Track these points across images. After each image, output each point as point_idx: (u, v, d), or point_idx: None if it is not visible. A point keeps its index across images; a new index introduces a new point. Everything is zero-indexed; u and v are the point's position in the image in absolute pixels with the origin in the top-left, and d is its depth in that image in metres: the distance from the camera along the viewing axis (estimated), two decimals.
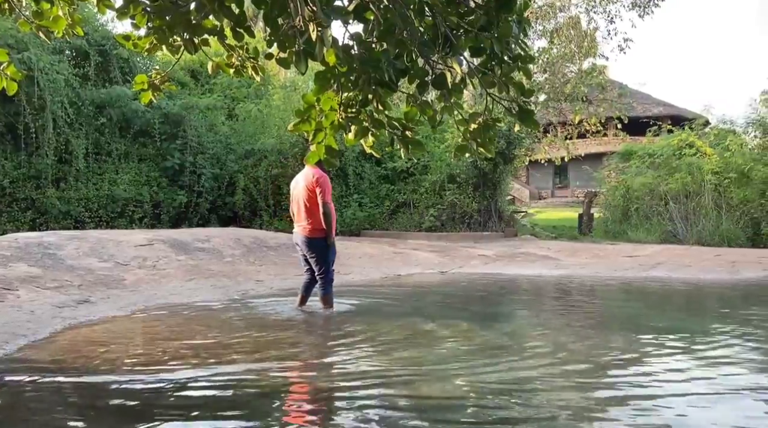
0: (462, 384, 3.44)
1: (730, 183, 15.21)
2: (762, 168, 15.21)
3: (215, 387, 3.32)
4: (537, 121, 2.85)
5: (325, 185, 5.35)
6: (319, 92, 2.88)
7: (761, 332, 4.99)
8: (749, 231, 14.43)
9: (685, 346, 4.42)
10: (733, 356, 4.13)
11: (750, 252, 11.63)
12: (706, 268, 9.10)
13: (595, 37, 17.47)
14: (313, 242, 5.45)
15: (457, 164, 14.75)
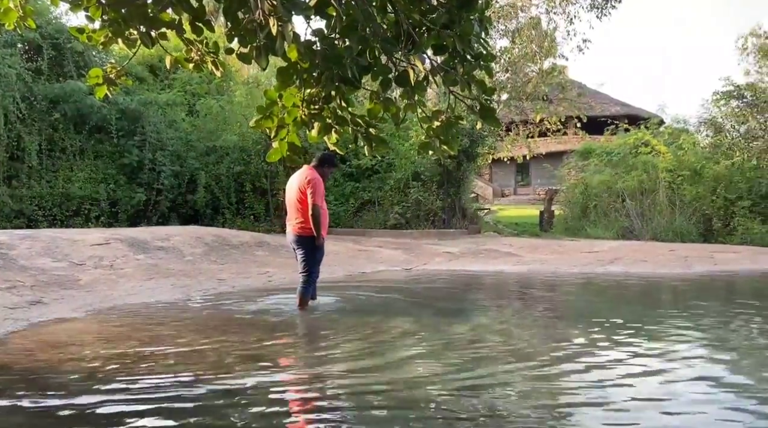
0: (425, 383, 3.46)
1: (683, 180, 15.73)
2: (713, 166, 15.78)
3: (173, 388, 3.25)
4: (499, 119, 2.89)
5: (317, 187, 5.41)
6: (281, 88, 2.85)
7: (712, 325, 5.18)
8: (701, 227, 14.95)
9: (640, 341, 4.54)
10: (685, 350, 4.27)
11: (702, 247, 12.06)
12: (661, 263, 9.39)
13: (555, 38, 17.79)
14: (302, 240, 5.53)
15: (422, 162, 14.83)
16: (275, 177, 14.69)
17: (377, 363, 3.86)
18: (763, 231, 13.98)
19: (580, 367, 3.73)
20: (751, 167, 15.42)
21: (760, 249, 11.75)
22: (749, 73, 20.15)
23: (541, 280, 8.06)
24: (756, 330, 4.94)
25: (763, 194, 15.05)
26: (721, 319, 5.39)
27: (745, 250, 11.44)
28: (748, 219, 14.47)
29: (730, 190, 15.18)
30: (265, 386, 3.31)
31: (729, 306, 6.23)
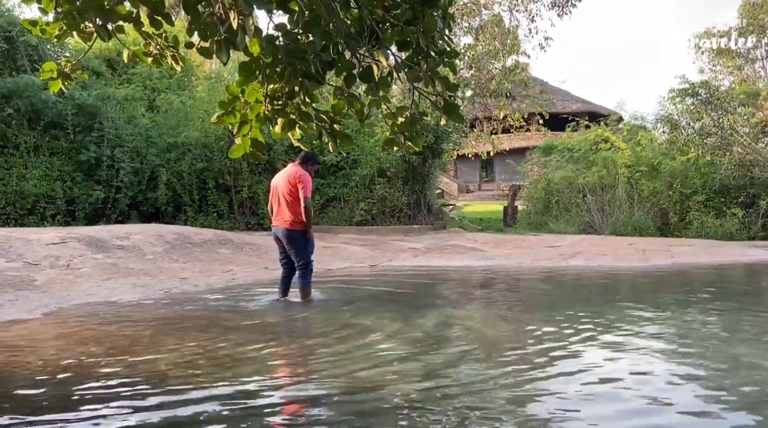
0: (393, 382, 3.47)
1: (641, 176, 16.17)
2: (669, 162, 16.26)
3: (130, 391, 3.18)
4: (462, 115, 2.91)
5: (307, 182, 5.70)
6: (243, 83, 2.80)
7: (669, 317, 5.34)
8: (658, 222, 15.40)
9: (600, 334, 4.65)
10: (642, 342, 4.39)
11: (659, 241, 12.43)
12: (620, 257, 9.64)
13: (517, 35, 18.04)
14: (293, 234, 5.75)
15: (387, 158, 14.84)
16: (239, 173, 14.48)
17: (343, 358, 3.85)
18: (717, 224, 14.49)
19: (545, 361, 3.80)
20: (705, 163, 15.94)
21: (714, 243, 12.18)
22: (704, 71, 20.89)
23: (506, 275, 8.17)
24: (710, 321, 5.12)
25: (717, 189, 15.60)
26: (678, 311, 5.56)
27: (700, 243, 11.84)
28: (702, 214, 14.96)
29: (685, 185, 15.68)
30: (230, 392, 3.26)
31: (685, 298, 6.43)
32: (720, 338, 4.44)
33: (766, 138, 16.68)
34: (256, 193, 14.49)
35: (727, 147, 15.92)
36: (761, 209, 14.90)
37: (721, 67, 20.68)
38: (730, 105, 16.64)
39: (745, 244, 12.21)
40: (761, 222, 14.82)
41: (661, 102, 17.88)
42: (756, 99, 17.04)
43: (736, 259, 9.80)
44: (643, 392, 3.10)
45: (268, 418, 2.83)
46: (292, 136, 2.98)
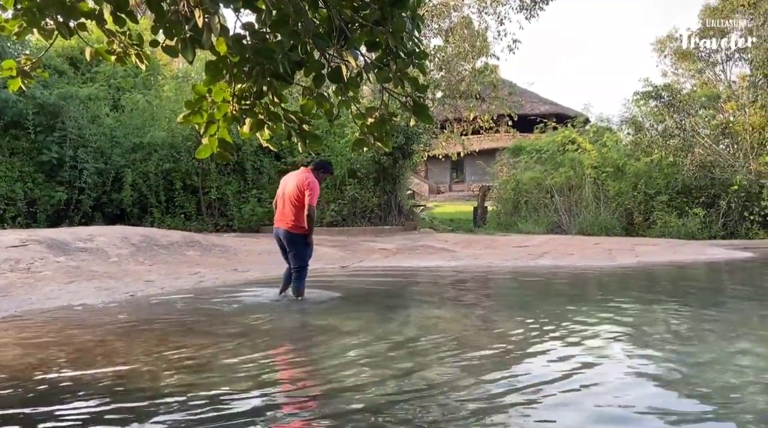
0: (362, 386, 3.45)
1: (607, 176, 16.50)
2: (634, 162, 16.64)
3: (95, 396, 3.10)
4: (431, 116, 2.92)
5: (315, 190, 5.82)
6: (210, 83, 2.76)
7: (634, 315, 5.46)
8: (623, 221, 15.74)
9: (568, 334, 4.72)
10: (608, 340, 4.47)
11: (624, 240, 12.70)
12: (587, 256, 9.82)
13: (486, 37, 18.22)
14: (294, 238, 5.88)
15: (358, 159, 14.83)
16: (207, 174, 14.29)
17: (312, 359, 3.82)
18: (679, 224, 14.87)
19: (514, 362, 3.84)
20: (668, 164, 16.35)
21: (677, 242, 12.50)
22: (666, 74, 21.43)
23: (476, 275, 8.24)
24: (674, 320, 5.25)
25: (680, 189, 16.02)
26: (642, 309, 5.68)
27: (664, 243, 12.13)
28: (666, 213, 15.35)
29: (649, 185, 16.06)
30: (195, 398, 3.21)
31: (649, 296, 6.58)
32: (684, 337, 4.55)
33: (726, 139, 17.21)
34: (224, 194, 14.31)
35: (688, 148, 16.37)
36: (721, 209, 15.36)
37: (683, 70, 21.25)
38: (692, 107, 17.11)
39: (706, 243, 12.57)
40: (721, 221, 15.28)
41: (626, 104, 18.32)
42: (716, 101, 17.56)
43: (697, 258, 10.08)
44: (609, 392, 3.16)
45: (233, 423, 2.78)
46: (260, 136, 2.95)
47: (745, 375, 3.44)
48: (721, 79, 20.20)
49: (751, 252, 11.00)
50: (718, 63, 20.36)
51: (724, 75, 20.38)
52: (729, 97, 17.60)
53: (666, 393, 3.15)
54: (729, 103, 17.08)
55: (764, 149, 16.02)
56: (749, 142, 16.01)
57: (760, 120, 16.00)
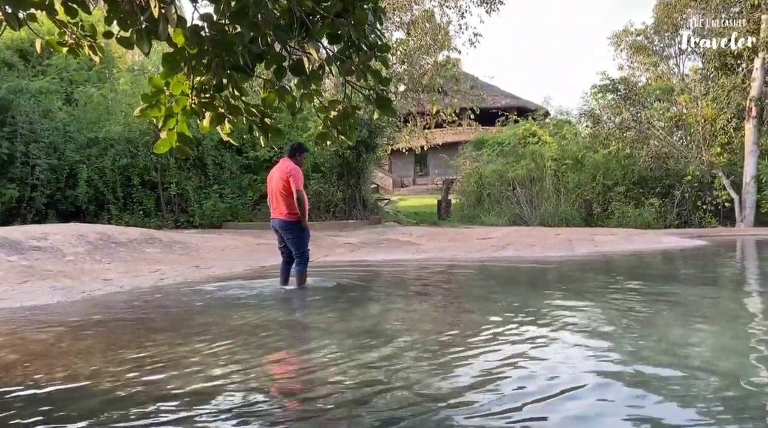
0: (328, 382, 3.44)
1: (566, 169, 16.86)
2: (593, 155, 17.04)
3: (49, 399, 3.00)
4: (395, 109, 2.92)
5: (298, 175, 6.11)
6: (167, 75, 2.69)
7: (593, 303, 5.59)
8: (583, 212, 16.12)
9: (533, 324, 4.80)
10: (570, 329, 4.57)
11: (584, 230, 12.99)
12: (548, 246, 10.01)
13: (448, 31, 18.32)
14: (289, 225, 6.20)
15: (321, 153, 14.75)
16: (166, 170, 13.98)
17: (275, 355, 3.78)
18: (636, 214, 15.32)
19: (481, 354, 3.88)
20: (625, 155, 16.80)
21: (634, 231, 12.86)
22: (623, 67, 21.93)
23: (441, 268, 8.30)
24: (630, 306, 5.39)
25: (636, 180, 16.48)
26: (602, 298, 5.82)
27: (621, 232, 12.46)
28: (623, 204, 15.79)
29: (607, 177, 16.48)
30: (156, 397, 3.13)
31: (609, 284, 6.75)
32: (644, 322, 4.68)
33: (679, 131, 17.78)
34: (185, 190, 14.03)
35: (644, 140, 16.85)
36: (676, 199, 15.88)
37: (638, 64, 21.78)
38: (647, 100, 17.61)
39: (661, 232, 12.97)
40: (676, 211, 15.80)
41: (584, 97, 18.71)
42: (670, 94, 18.11)
43: (653, 246, 10.39)
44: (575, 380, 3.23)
45: (197, 424, 2.73)
46: (221, 130, 2.89)
47: (694, 359, 3.56)
48: (675, 73, 20.81)
49: (704, 241, 11.41)
50: (671, 56, 20.96)
51: (678, 68, 21.01)
52: (682, 89, 18.18)
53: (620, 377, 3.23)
54: (682, 95, 17.65)
55: (716, 140, 16.62)
56: (701, 133, 16.58)
57: (711, 112, 16.57)
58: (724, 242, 11.99)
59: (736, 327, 4.52)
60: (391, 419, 2.68)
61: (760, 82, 15.63)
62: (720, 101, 16.58)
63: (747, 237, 13.21)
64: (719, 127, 16.54)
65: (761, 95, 15.60)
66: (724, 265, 9.03)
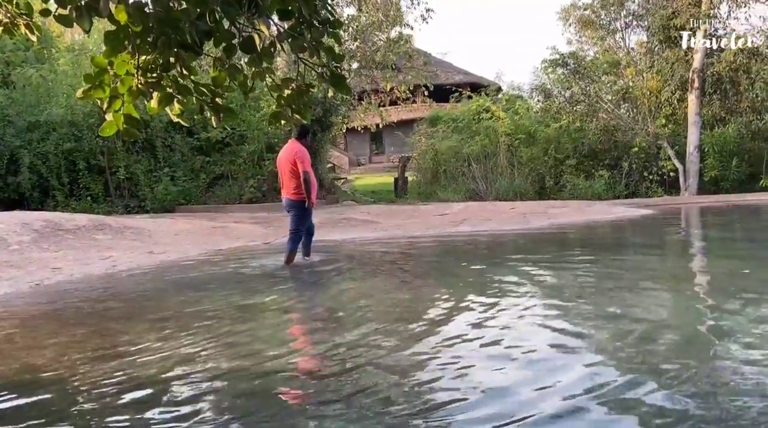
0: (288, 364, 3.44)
1: (520, 143, 17.13)
2: (544, 129, 17.35)
3: None
4: (349, 86, 2.88)
5: (305, 157, 6.39)
6: (111, 54, 2.57)
7: (549, 274, 5.75)
8: (536, 186, 16.46)
9: (493, 297, 4.90)
10: (530, 304, 4.69)
11: (537, 204, 13.28)
12: (504, 220, 10.20)
13: (400, 6, 18.16)
14: (295, 203, 6.54)
15: (275, 133, 14.51)
16: (113, 153, 13.51)
17: (234, 340, 3.75)
18: (587, 186, 15.75)
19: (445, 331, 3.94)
20: (575, 129, 17.17)
21: (585, 203, 13.24)
22: (571, 42, 22.27)
23: (400, 245, 8.35)
24: (583, 273, 5.57)
25: (586, 153, 16.90)
26: (556, 267, 6.00)
27: (574, 204, 12.80)
28: (574, 176, 16.19)
29: (559, 150, 16.83)
30: (112, 386, 3.07)
31: (562, 254, 6.95)
32: (592, 290, 4.85)
33: (626, 104, 18.26)
34: (134, 174, 13.61)
35: (593, 113, 17.25)
36: (624, 170, 16.38)
37: (586, 38, 22.15)
38: (595, 74, 17.97)
39: (611, 203, 13.39)
40: (624, 182, 16.31)
41: (535, 72, 18.94)
42: (617, 68, 18.53)
43: (604, 217, 10.73)
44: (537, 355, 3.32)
45: (152, 411, 2.69)
46: (170, 111, 2.80)
47: (640, 319, 3.72)
48: (621, 46, 21.28)
49: (651, 210, 11.85)
50: (618, 30, 21.39)
51: (624, 42, 21.48)
52: (628, 63, 18.62)
53: (574, 345, 3.35)
54: (628, 69, 18.09)
55: (661, 112, 17.15)
56: (647, 105, 17.08)
57: (656, 84, 17.07)
58: (670, 210, 12.49)
59: (680, 288, 4.74)
60: (352, 398, 2.70)
61: (702, 54, 16.16)
62: (664, 74, 17.09)
63: (691, 205, 13.78)
64: (664, 99, 17.07)
65: (703, 67, 16.15)
66: (671, 233, 9.42)
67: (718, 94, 16.60)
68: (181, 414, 2.59)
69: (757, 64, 15.59)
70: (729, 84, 16.15)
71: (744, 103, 16.16)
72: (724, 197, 14.50)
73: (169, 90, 2.74)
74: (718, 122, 16.98)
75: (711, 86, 16.42)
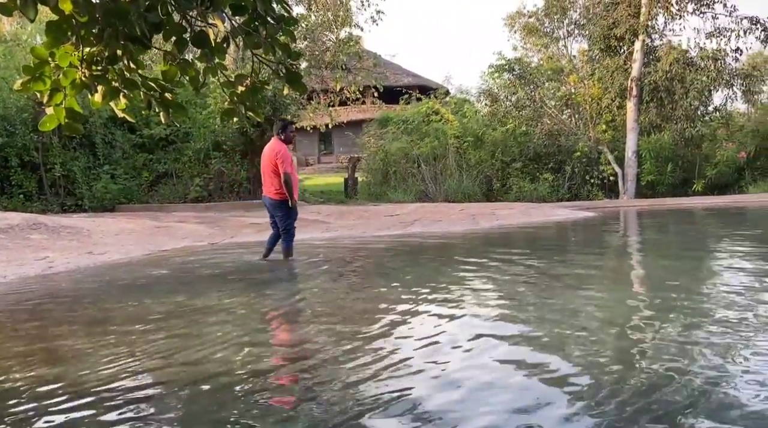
0: (234, 368, 3.36)
1: (468, 146, 17.41)
2: (492, 132, 17.70)
3: None
4: (305, 84, 2.84)
5: (286, 158, 6.43)
6: (52, 45, 2.45)
7: (497, 274, 5.85)
8: (484, 188, 16.77)
9: (442, 300, 4.94)
10: (481, 302, 4.76)
11: (485, 205, 13.53)
12: (454, 222, 10.34)
13: (349, 7, 18.14)
14: (278, 204, 6.62)
15: (223, 131, 14.21)
16: (49, 149, 12.89)
17: (178, 343, 3.64)
18: (532, 188, 16.16)
19: (394, 333, 3.94)
20: (521, 133, 17.60)
21: (531, 205, 13.58)
22: (517, 48, 22.85)
23: (351, 246, 8.32)
24: (529, 274, 5.71)
25: (531, 157, 17.35)
26: (505, 267, 6.11)
27: (520, 206, 13.11)
28: (520, 179, 16.58)
29: (505, 153, 17.21)
30: (51, 391, 2.92)
31: (510, 255, 7.09)
32: (537, 289, 4.97)
33: (569, 110, 18.86)
34: (71, 171, 13.02)
35: (538, 118, 17.73)
36: (567, 174, 16.91)
37: (531, 45, 22.76)
38: (540, 80, 18.47)
39: (555, 205, 13.79)
40: (567, 185, 16.84)
41: (483, 76, 19.31)
42: (560, 74, 19.12)
43: (549, 219, 11.04)
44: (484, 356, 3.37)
45: (88, 418, 2.57)
46: (115, 105, 2.68)
47: (581, 317, 3.84)
48: (564, 54, 21.98)
49: (592, 213, 12.27)
50: (561, 38, 22.09)
51: (567, 50, 22.19)
52: (571, 70, 19.25)
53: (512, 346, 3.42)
54: (571, 76, 18.70)
55: (601, 118, 17.81)
56: (589, 112, 17.70)
57: (597, 92, 17.71)
58: (610, 213, 12.97)
59: (620, 288, 4.92)
60: (299, 403, 2.67)
61: (639, 63, 16.87)
62: (605, 81, 17.74)
63: (629, 208, 14.36)
64: (604, 106, 17.72)
65: (641, 75, 16.86)
66: (611, 234, 9.78)
67: (654, 102, 17.37)
68: (118, 419, 2.48)
69: (691, 73, 16.41)
70: (665, 92, 16.92)
71: (679, 111, 16.98)
72: (659, 201, 15.18)
73: (114, 84, 2.63)
74: (655, 129, 17.78)
75: (648, 94, 17.17)
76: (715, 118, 18.02)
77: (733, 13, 16.19)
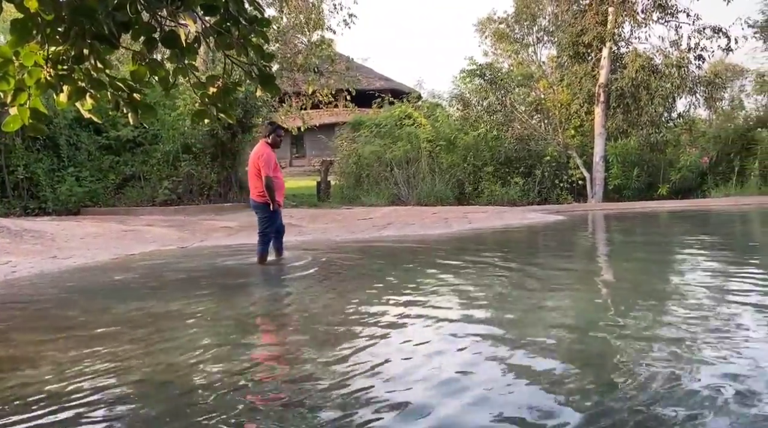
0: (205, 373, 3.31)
1: (440, 150, 17.50)
2: (464, 136, 17.82)
3: None
4: (278, 86, 2.82)
5: (269, 161, 6.38)
6: (17, 44, 2.38)
7: (470, 275, 5.89)
8: (456, 191, 16.87)
9: (416, 304, 4.95)
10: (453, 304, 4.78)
11: (458, 208, 13.61)
12: (427, 225, 10.37)
13: (322, 10, 18.09)
14: (258, 206, 6.61)
15: (193, 133, 14.00)
16: (11, 151, 12.52)
17: (144, 350, 3.57)
18: (503, 192, 16.33)
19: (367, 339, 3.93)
20: (492, 137, 17.76)
21: (502, 208, 13.71)
22: (488, 54, 23.07)
23: (323, 250, 8.27)
24: (502, 275, 5.76)
25: (502, 161, 17.52)
26: (477, 269, 6.16)
27: (491, 210, 13.23)
28: (491, 183, 16.74)
29: (477, 157, 17.35)
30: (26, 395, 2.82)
31: (483, 258, 7.15)
32: (516, 288, 5.02)
33: (538, 115, 19.12)
34: (35, 173, 12.66)
35: (509, 123, 17.92)
36: (537, 178, 17.13)
37: (501, 51, 23.01)
38: (510, 85, 18.67)
39: (526, 209, 13.95)
40: (537, 189, 17.05)
41: (454, 81, 19.44)
42: (530, 80, 19.37)
43: (520, 222, 11.15)
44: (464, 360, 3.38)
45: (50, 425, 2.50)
46: (81, 106, 2.62)
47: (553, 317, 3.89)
48: (533, 60, 22.27)
49: (562, 216, 12.45)
50: (530, 45, 22.38)
51: (536, 56, 22.50)
52: (540, 76, 19.53)
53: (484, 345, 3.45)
54: (541, 81, 18.96)
55: (570, 124, 18.11)
56: (558, 117, 17.97)
57: (566, 97, 18.00)
58: (579, 216, 13.19)
59: (590, 289, 5.00)
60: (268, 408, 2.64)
61: (607, 70, 17.20)
62: (573, 87, 18.04)
63: (597, 211, 14.61)
64: (573, 111, 18.02)
65: (608, 82, 17.20)
66: (579, 237, 9.94)
67: (621, 107, 17.72)
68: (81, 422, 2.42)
69: (656, 80, 16.81)
70: (631, 99, 17.28)
71: (644, 116, 17.35)
72: (626, 204, 15.49)
73: (81, 84, 2.57)
74: (621, 134, 18.13)
75: (615, 100, 17.51)
76: (679, 123, 18.47)
77: (696, 21, 16.65)
